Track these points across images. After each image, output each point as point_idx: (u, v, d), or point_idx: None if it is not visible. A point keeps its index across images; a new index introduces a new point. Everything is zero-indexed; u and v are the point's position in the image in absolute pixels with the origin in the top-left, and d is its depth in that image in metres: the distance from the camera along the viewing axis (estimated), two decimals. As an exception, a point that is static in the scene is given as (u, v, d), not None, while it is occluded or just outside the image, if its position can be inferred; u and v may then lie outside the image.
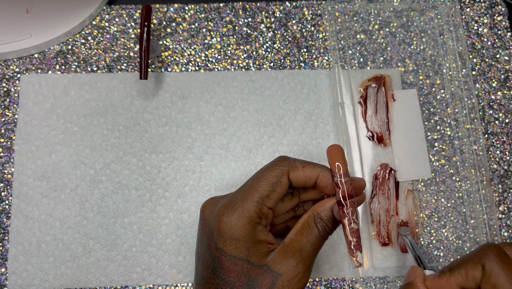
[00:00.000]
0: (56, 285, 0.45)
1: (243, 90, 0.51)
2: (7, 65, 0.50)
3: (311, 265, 0.35)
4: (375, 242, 0.47)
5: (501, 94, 0.51)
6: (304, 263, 0.34)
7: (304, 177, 0.36)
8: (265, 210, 0.35)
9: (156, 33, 0.52)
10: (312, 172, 0.36)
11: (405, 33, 0.53)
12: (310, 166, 0.36)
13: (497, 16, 0.54)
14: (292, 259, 0.34)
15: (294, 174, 0.35)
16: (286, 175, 0.35)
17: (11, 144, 0.48)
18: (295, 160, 0.36)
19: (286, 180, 0.35)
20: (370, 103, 0.50)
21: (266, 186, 0.35)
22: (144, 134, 0.49)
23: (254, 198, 0.34)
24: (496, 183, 0.49)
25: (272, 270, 0.34)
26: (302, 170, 0.36)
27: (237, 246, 0.34)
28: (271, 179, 0.35)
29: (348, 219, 0.34)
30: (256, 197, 0.34)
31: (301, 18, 0.53)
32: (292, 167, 0.36)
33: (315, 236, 0.35)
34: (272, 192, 0.35)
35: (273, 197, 0.35)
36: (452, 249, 0.47)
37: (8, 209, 0.46)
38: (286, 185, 0.35)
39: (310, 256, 0.35)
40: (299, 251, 0.34)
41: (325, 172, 0.36)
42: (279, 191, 0.35)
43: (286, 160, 0.36)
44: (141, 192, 0.47)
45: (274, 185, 0.35)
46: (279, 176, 0.35)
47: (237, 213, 0.34)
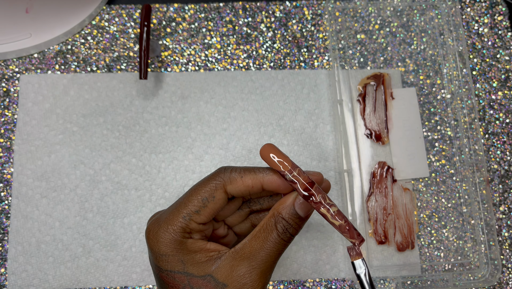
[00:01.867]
0: (55, 285, 0.45)
1: (243, 90, 0.50)
2: (7, 65, 0.50)
3: (267, 273, 0.32)
4: (372, 240, 0.47)
5: (502, 94, 0.51)
6: (255, 271, 0.31)
7: (245, 187, 0.33)
8: (194, 226, 0.32)
9: (156, 33, 0.52)
10: (254, 180, 0.33)
11: (406, 33, 0.53)
12: (250, 174, 0.33)
13: (498, 16, 0.53)
14: (240, 267, 0.31)
15: (232, 187, 0.33)
16: (221, 189, 0.33)
17: (10, 144, 0.48)
18: (234, 170, 0.33)
19: (221, 195, 0.33)
20: (368, 101, 0.50)
21: (196, 201, 0.32)
22: (144, 134, 0.49)
23: (181, 213, 0.32)
24: (496, 183, 0.49)
25: (217, 280, 0.31)
26: (240, 180, 0.33)
27: (168, 260, 0.32)
28: (202, 194, 0.32)
29: (324, 206, 0.31)
30: (183, 213, 0.32)
31: (301, 18, 0.53)
32: (229, 180, 0.33)
33: (273, 240, 0.32)
34: (202, 208, 0.32)
35: (204, 212, 0.32)
36: (453, 249, 0.47)
37: (7, 209, 0.46)
38: (221, 199, 0.33)
39: (264, 263, 0.32)
40: (249, 258, 0.31)
41: (269, 175, 0.33)
42: (212, 207, 0.33)
43: (222, 172, 0.33)
44: (141, 192, 0.47)
45: (205, 201, 0.32)
46: (212, 190, 0.32)
47: (162, 229, 0.32)
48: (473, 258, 0.47)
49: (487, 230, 0.46)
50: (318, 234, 0.47)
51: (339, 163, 0.48)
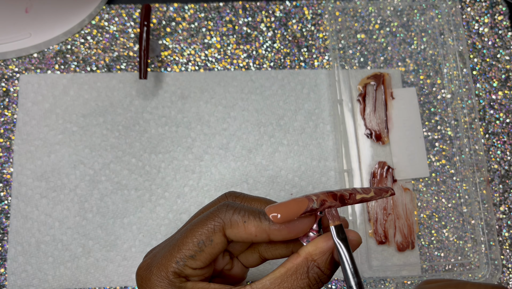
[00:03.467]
0: (55, 285, 0.45)
1: (243, 90, 0.50)
2: (6, 65, 0.50)
3: None
4: (372, 240, 0.47)
5: (502, 94, 0.51)
6: None
7: (247, 235, 0.28)
8: (190, 272, 0.28)
9: (156, 32, 0.52)
10: (258, 229, 0.28)
11: (406, 33, 0.52)
12: (255, 221, 0.28)
13: (498, 16, 0.53)
14: None
15: (232, 232, 0.28)
16: (220, 232, 0.28)
17: (10, 144, 0.48)
18: (237, 211, 0.28)
19: (219, 239, 0.28)
20: (368, 101, 0.50)
21: (191, 245, 0.28)
22: (144, 134, 0.49)
23: (174, 258, 0.28)
24: (497, 183, 0.49)
25: None
26: (242, 226, 0.28)
27: None
28: (198, 237, 0.28)
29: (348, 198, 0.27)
30: (176, 257, 0.28)
31: (301, 17, 0.53)
32: (230, 223, 0.28)
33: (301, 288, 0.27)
34: (198, 252, 0.28)
35: (200, 258, 0.28)
36: (453, 249, 0.47)
37: (7, 209, 0.46)
38: (220, 244, 0.28)
39: None
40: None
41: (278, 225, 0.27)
42: (209, 251, 0.28)
43: (223, 212, 0.28)
44: (141, 192, 0.47)
45: (202, 245, 0.28)
46: (209, 233, 0.28)
47: (155, 276, 0.29)
48: (473, 258, 0.47)
49: (487, 230, 0.46)
50: (318, 234, 0.47)
51: (339, 163, 0.48)
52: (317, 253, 0.28)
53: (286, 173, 0.48)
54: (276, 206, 0.27)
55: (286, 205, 0.26)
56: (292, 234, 0.28)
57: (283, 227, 0.27)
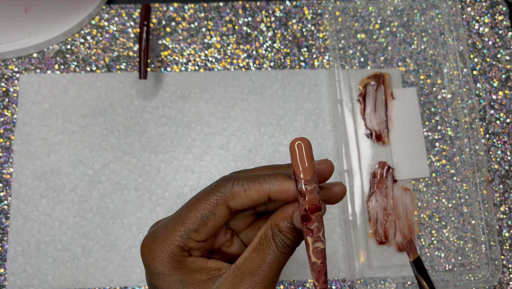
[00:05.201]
0: (55, 285, 0.45)
1: (243, 90, 0.50)
2: (6, 65, 0.50)
3: (270, 288, 0.30)
4: (372, 240, 0.47)
5: (502, 94, 0.51)
6: (257, 287, 0.29)
7: (250, 201, 0.30)
8: (193, 244, 0.30)
9: (156, 32, 0.52)
10: (259, 193, 0.29)
11: (406, 33, 0.52)
12: (255, 186, 0.29)
13: (498, 16, 0.53)
14: (243, 284, 0.29)
15: (235, 202, 0.30)
16: (223, 205, 0.30)
17: (10, 144, 0.48)
18: (236, 182, 0.30)
19: (222, 211, 0.30)
20: (369, 101, 0.50)
21: (194, 219, 0.30)
22: (144, 134, 0.49)
23: (178, 231, 0.30)
24: (497, 183, 0.49)
25: None
26: (244, 194, 0.29)
27: (165, 280, 0.30)
28: (201, 211, 0.30)
29: (313, 237, 0.28)
30: (180, 231, 0.30)
31: (301, 17, 0.53)
32: (231, 194, 0.29)
33: (273, 253, 0.30)
34: (202, 226, 0.30)
35: (203, 230, 0.30)
36: (453, 249, 0.47)
37: (7, 209, 0.46)
38: (223, 216, 0.30)
39: (267, 277, 0.29)
40: (250, 273, 0.29)
41: (276, 186, 0.29)
42: (213, 224, 0.30)
43: (223, 185, 0.30)
44: (141, 192, 0.47)
45: (205, 218, 0.29)
46: (212, 207, 0.30)
47: (158, 247, 0.30)
48: (474, 258, 0.47)
49: (488, 230, 0.46)
50: (318, 234, 0.47)
51: (339, 163, 0.48)
52: (278, 219, 0.30)
53: (286, 173, 0.48)
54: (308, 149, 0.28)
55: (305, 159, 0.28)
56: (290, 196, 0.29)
57: (282, 189, 0.29)
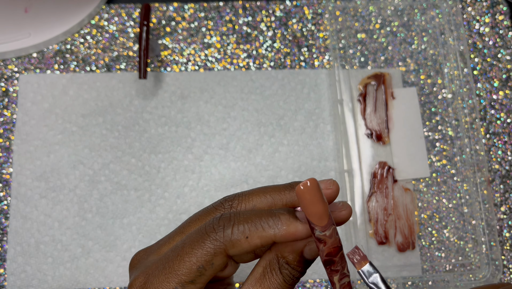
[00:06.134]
0: (54, 286, 0.45)
1: (243, 90, 0.50)
2: (6, 65, 0.50)
3: None
4: (372, 240, 0.46)
5: (503, 94, 0.51)
6: None
7: (252, 248, 0.26)
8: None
9: (155, 32, 0.51)
10: (263, 239, 0.26)
11: (406, 33, 0.52)
12: (258, 231, 0.26)
13: (499, 16, 0.53)
14: None
15: (235, 250, 0.26)
16: (222, 254, 0.26)
17: (9, 144, 0.48)
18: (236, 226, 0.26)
19: (221, 260, 0.26)
20: (369, 100, 0.50)
21: (190, 270, 0.26)
22: (143, 134, 0.48)
23: (172, 283, 0.26)
24: (497, 183, 0.49)
25: None
26: (246, 242, 0.26)
27: None
28: (197, 262, 0.26)
29: (340, 275, 0.26)
30: (174, 283, 0.26)
31: (301, 17, 0.53)
32: (230, 243, 0.26)
33: (280, 286, 0.27)
34: (198, 277, 0.26)
35: (200, 280, 0.27)
36: (454, 249, 0.47)
37: (6, 210, 0.46)
38: (222, 264, 0.27)
39: None
40: None
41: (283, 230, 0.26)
42: (211, 273, 0.27)
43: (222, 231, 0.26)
44: (140, 192, 0.47)
45: (202, 269, 0.26)
46: (210, 257, 0.26)
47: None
48: (474, 259, 0.47)
49: (488, 230, 0.46)
50: (319, 234, 0.47)
51: (339, 163, 0.48)
52: (287, 252, 0.27)
53: (286, 173, 0.48)
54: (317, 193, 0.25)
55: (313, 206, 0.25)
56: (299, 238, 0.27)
57: (288, 233, 0.26)
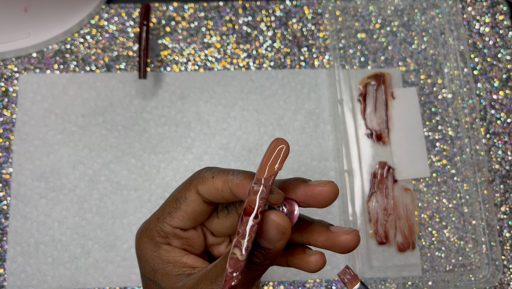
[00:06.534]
0: (54, 286, 0.45)
1: (243, 89, 0.50)
2: (5, 65, 0.50)
3: None
4: (373, 240, 0.46)
5: (503, 94, 0.51)
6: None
7: (215, 190, 0.29)
8: (168, 229, 0.30)
9: (155, 32, 0.51)
10: (224, 183, 0.28)
11: (406, 32, 0.52)
12: (222, 176, 0.28)
13: (499, 15, 0.53)
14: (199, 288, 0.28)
15: (203, 187, 0.29)
16: (193, 189, 0.29)
17: (9, 144, 0.48)
18: (208, 170, 0.29)
19: (192, 195, 0.29)
20: (369, 100, 0.50)
21: (169, 203, 0.30)
22: (143, 134, 0.48)
23: (157, 215, 0.30)
24: (497, 183, 0.49)
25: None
26: (211, 181, 0.29)
27: (143, 265, 0.31)
28: (175, 195, 0.30)
29: (236, 241, 0.25)
30: (157, 215, 0.30)
31: (301, 17, 0.53)
32: (201, 179, 0.29)
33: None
34: (175, 209, 0.30)
35: (177, 214, 0.30)
36: (454, 250, 0.47)
37: (6, 210, 0.46)
38: (194, 201, 0.29)
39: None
40: (212, 282, 0.27)
41: (238, 179, 0.28)
42: (185, 208, 0.30)
43: (197, 172, 0.30)
44: (140, 192, 0.47)
45: (178, 202, 0.30)
46: (184, 190, 0.30)
47: (144, 236, 0.31)
48: (474, 259, 0.47)
49: (488, 230, 0.46)
50: (319, 234, 0.47)
51: (339, 163, 0.48)
52: None
53: (287, 173, 0.48)
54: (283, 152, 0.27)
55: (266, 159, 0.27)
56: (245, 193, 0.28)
57: (240, 184, 0.28)
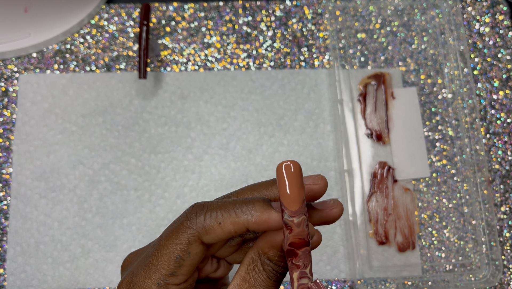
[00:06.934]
0: (54, 286, 0.45)
1: (243, 89, 0.50)
2: (5, 65, 0.50)
3: None
4: (373, 240, 0.46)
5: (503, 94, 0.51)
6: None
7: (226, 235, 0.26)
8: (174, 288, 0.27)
9: (155, 32, 0.51)
10: (236, 225, 0.26)
11: (406, 32, 0.52)
12: (231, 217, 0.26)
13: (499, 15, 0.53)
14: None
15: (209, 238, 0.26)
16: (197, 242, 0.26)
17: (9, 144, 0.48)
18: (208, 213, 0.26)
19: (197, 248, 0.27)
20: (369, 100, 0.50)
21: (168, 262, 0.27)
22: (143, 134, 0.48)
23: (153, 279, 0.27)
24: (498, 183, 0.49)
25: None
26: (219, 228, 0.26)
27: None
28: (173, 253, 0.26)
29: (299, 273, 0.25)
30: (155, 279, 0.27)
31: (301, 17, 0.53)
32: (204, 230, 0.26)
33: (264, 284, 0.27)
34: (178, 268, 0.27)
35: (181, 272, 0.27)
36: (454, 250, 0.47)
37: (6, 210, 0.46)
38: (199, 253, 0.27)
39: None
40: None
41: (256, 217, 0.26)
42: (190, 263, 0.27)
43: (194, 219, 0.27)
44: (140, 192, 0.47)
45: (179, 259, 0.26)
46: (185, 246, 0.26)
47: None
48: (474, 259, 0.47)
49: (488, 230, 0.46)
50: (319, 234, 0.47)
51: (339, 163, 0.48)
52: (267, 247, 0.27)
53: (286, 173, 0.48)
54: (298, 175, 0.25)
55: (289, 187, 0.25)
56: (272, 227, 0.26)
57: (261, 220, 0.26)
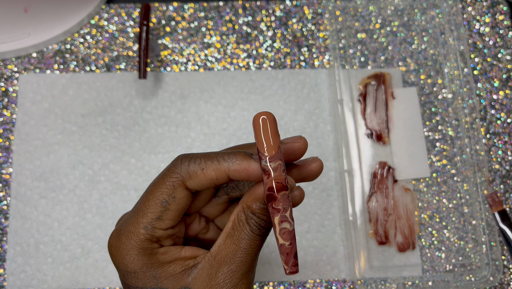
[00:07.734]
0: (54, 286, 0.45)
1: (243, 90, 0.50)
2: (5, 65, 0.50)
3: (249, 273, 0.28)
4: (373, 241, 0.46)
5: (503, 94, 0.51)
6: (235, 275, 0.28)
7: (208, 181, 0.28)
8: (161, 233, 0.28)
9: (155, 32, 0.51)
10: (218, 172, 0.27)
11: (406, 32, 0.52)
12: (213, 164, 0.27)
13: (499, 15, 0.53)
14: (219, 274, 0.28)
15: (193, 182, 0.28)
16: (181, 186, 0.28)
17: (9, 144, 0.48)
18: (192, 161, 0.28)
19: (182, 193, 0.28)
20: (369, 100, 0.50)
21: (155, 207, 0.28)
22: (143, 134, 0.48)
23: (141, 224, 0.28)
24: (498, 183, 0.49)
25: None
26: (202, 174, 0.28)
27: (138, 277, 0.28)
28: (159, 197, 0.28)
29: (280, 217, 0.26)
30: (143, 223, 0.28)
31: (301, 17, 0.53)
32: (188, 174, 0.28)
33: (248, 238, 0.28)
34: (164, 212, 0.28)
35: (167, 216, 0.28)
36: (454, 250, 0.47)
37: (6, 210, 0.46)
38: (184, 198, 0.28)
39: (244, 264, 0.28)
40: (226, 261, 0.28)
41: (236, 164, 0.27)
42: (175, 208, 0.28)
43: (179, 165, 0.28)
44: (140, 192, 0.47)
45: (165, 203, 0.28)
46: (170, 190, 0.28)
47: (124, 245, 0.28)
48: (474, 259, 0.47)
49: (488, 230, 0.46)
50: (319, 234, 0.47)
51: (339, 163, 0.48)
52: (250, 200, 0.28)
53: (286, 173, 0.48)
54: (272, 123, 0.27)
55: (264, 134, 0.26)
56: (251, 175, 0.28)
57: (241, 168, 0.27)
